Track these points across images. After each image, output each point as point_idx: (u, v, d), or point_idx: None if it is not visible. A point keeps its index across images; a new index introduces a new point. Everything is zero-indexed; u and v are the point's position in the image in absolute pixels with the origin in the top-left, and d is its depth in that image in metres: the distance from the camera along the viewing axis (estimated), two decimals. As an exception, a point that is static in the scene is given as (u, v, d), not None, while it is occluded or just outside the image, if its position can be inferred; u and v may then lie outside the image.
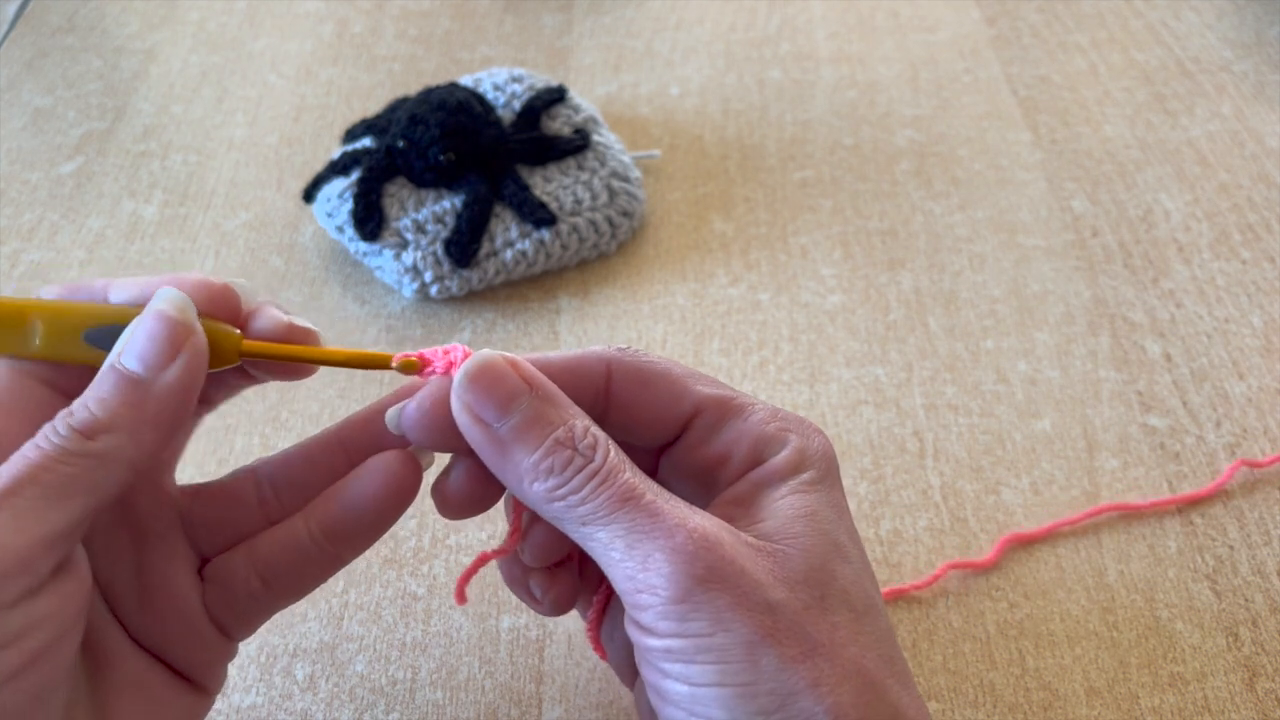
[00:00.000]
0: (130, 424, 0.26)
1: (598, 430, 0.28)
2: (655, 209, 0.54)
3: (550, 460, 0.27)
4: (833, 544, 0.28)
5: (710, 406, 0.30)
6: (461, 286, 0.49)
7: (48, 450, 0.25)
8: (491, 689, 0.36)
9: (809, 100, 0.60)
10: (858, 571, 0.28)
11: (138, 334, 0.27)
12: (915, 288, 0.49)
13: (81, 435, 0.26)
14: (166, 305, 0.27)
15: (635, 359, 0.30)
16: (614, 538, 0.26)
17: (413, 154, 0.49)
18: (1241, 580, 0.38)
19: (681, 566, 0.25)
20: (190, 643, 0.30)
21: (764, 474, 0.29)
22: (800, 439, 0.29)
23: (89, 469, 0.26)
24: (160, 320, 0.27)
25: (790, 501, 0.28)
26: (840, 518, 0.29)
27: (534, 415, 0.27)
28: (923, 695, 0.36)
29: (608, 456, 0.27)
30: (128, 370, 0.27)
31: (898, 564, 0.39)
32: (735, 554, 0.26)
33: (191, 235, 0.54)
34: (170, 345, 0.27)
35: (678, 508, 0.27)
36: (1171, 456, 0.42)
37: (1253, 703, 0.35)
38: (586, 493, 0.27)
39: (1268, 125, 0.57)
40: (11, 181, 0.57)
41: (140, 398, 0.26)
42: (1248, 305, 0.48)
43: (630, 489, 0.27)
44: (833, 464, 0.30)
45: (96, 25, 0.68)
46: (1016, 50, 0.63)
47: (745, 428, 0.29)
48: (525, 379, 0.28)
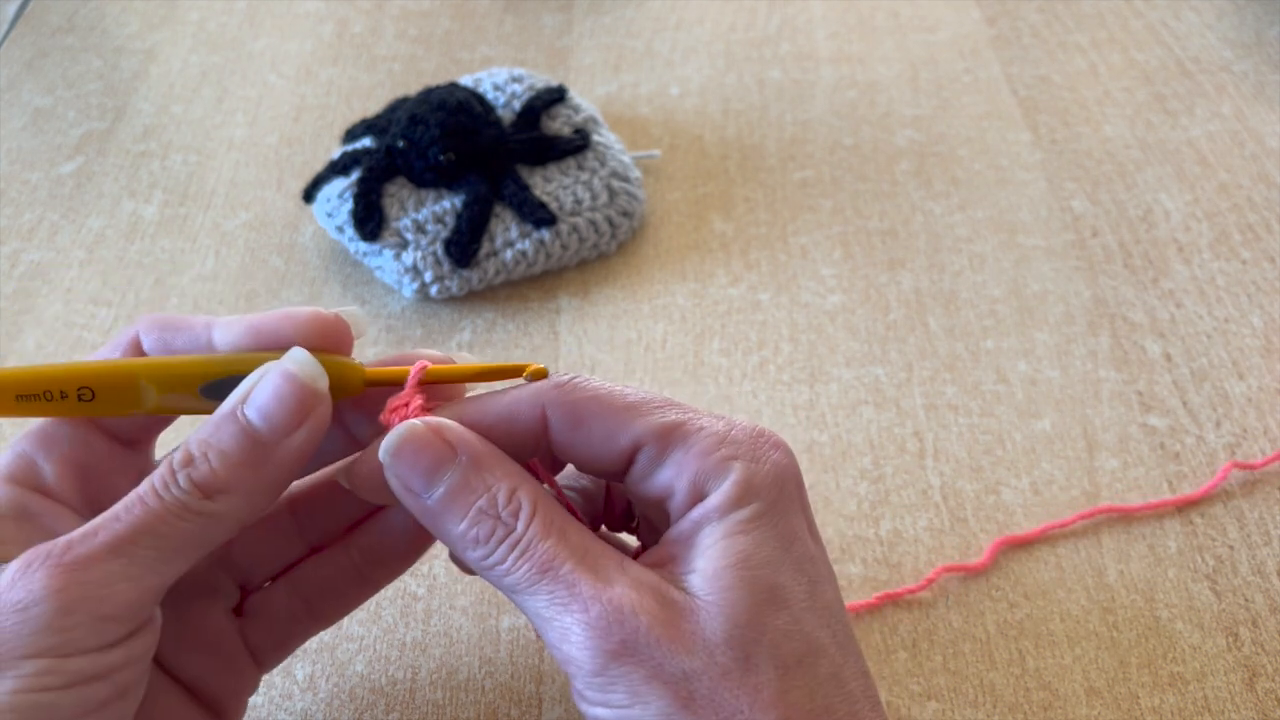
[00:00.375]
0: (249, 487, 0.26)
1: (526, 492, 0.27)
2: (655, 209, 0.54)
3: (475, 530, 0.27)
4: (766, 591, 0.26)
5: (650, 439, 0.28)
6: (461, 286, 0.49)
7: (168, 504, 0.26)
8: (491, 689, 0.36)
9: (809, 100, 0.60)
10: (796, 615, 0.26)
11: (266, 392, 0.27)
12: (915, 288, 0.49)
13: (202, 494, 0.26)
14: (298, 369, 0.27)
15: (572, 395, 0.28)
16: (538, 608, 0.26)
17: (413, 154, 0.49)
18: (1241, 580, 0.38)
19: (595, 641, 0.25)
20: (223, 675, 0.31)
21: (703, 512, 0.27)
22: (746, 466, 0.27)
23: (204, 528, 0.26)
24: (291, 383, 0.27)
25: (722, 548, 0.26)
26: (786, 551, 0.27)
27: (459, 484, 0.27)
28: (923, 695, 0.36)
29: (530, 523, 0.26)
30: (253, 428, 0.26)
31: (897, 564, 0.39)
32: (651, 623, 0.25)
33: (191, 235, 0.54)
34: (300, 411, 0.27)
35: (600, 574, 0.26)
36: (1171, 456, 0.42)
37: (1253, 703, 0.35)
38: (509, 564, 0.26)
39: (1268, 125, 0.57)
40: (11, 181, 0.57)
41: (262, 460, 0.26)
42: (1248, 305, 0.48)
43: (549, 560, 0.26)
44: (787, 486, 0.28)
45: (96, 25, 0.68)
46: (1016, 50, 0.63)
47: (687, 459, 0.28)
48: (450, 444, 0.27)
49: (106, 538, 0.25)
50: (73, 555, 0.25)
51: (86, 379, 0.28)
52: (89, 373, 0.28)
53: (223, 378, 0.28)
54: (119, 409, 0.28)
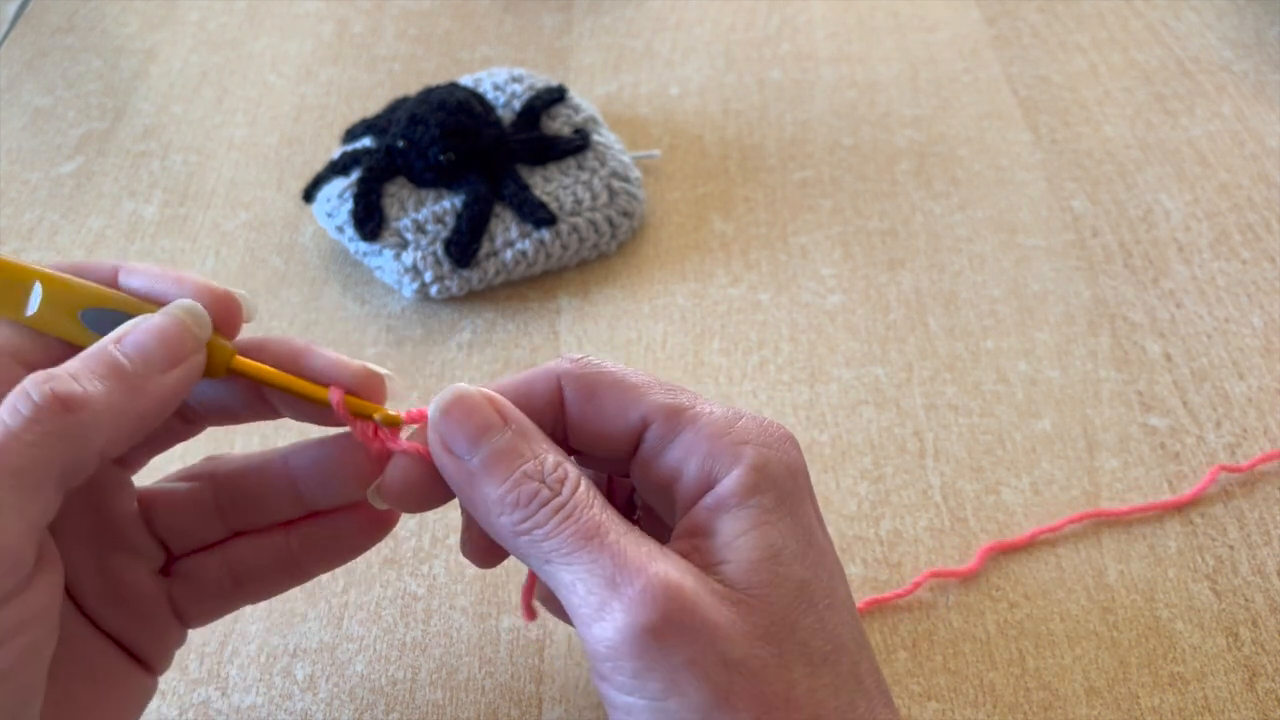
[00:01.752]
0: (112, 411, 0.25)
1: (571, 466, 0.27)
2: (655, 209, 0.54)
3: (516, 493, 0.26)
4: (796, 589, 0.26)
5: (659, 416, 0.28)
6: (461, 286, 0.49)
7: (16, 428, 0.24)
8: (491, 689, 0.36)
9: (809, 100, 0.60)
10: (820, 614, 0.26)
11: (147, 330, 0.27)
12: (915, 288, 0.49)
13: (61, 407, 0.24)
14: (186, 315, 0.27)
15: (586, 370, 0.29)
16: (575, 579, 0.25)
17: (413, 154, 0.49)
18: (1241, 580, 0.38)
19: (637, 618, 0.24)
20: (148, 630, 0.30)
21: (718, 499, 0.27)
22: (758, 452, 0.27)
23: (61, 451, 0.24)
24: (177, 326, 0.27)
25: (753, 539, 0.26)
26: (809, 546, 0.27)
27: (505, 448, 0.27)
28: (923, 695, 0.36)
29: (575, 491, 0.26)
30: (125, 360, 0.26)
31: (897, 564, 0.39)
32: (697, 603, 0.24)
33: (191, 235, 0.54)
34: (177, 353, 0.27)
35: (643, 550, 0.25)
36: (1171, 456, 0.42)
37: (1253, 703, 0.35)
38: (550, 527, 0.26)
39: (1268, 125, 0.57)
40: (11, 181, 0.57)
41: (129, 390, 0.26)
42: (1248, 305, 0.48)
43: (594, 527, 0.26)
44: (798, 477, 0.28)
45: (96, 25, 0.68)
46: (1016, 50, 0.63)
47: (696, 440, 0.27)
48: (500, 413, 0.27)
49: None
50: None
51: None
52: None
53: (108, 308, 0.28)
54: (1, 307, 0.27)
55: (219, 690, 0.37)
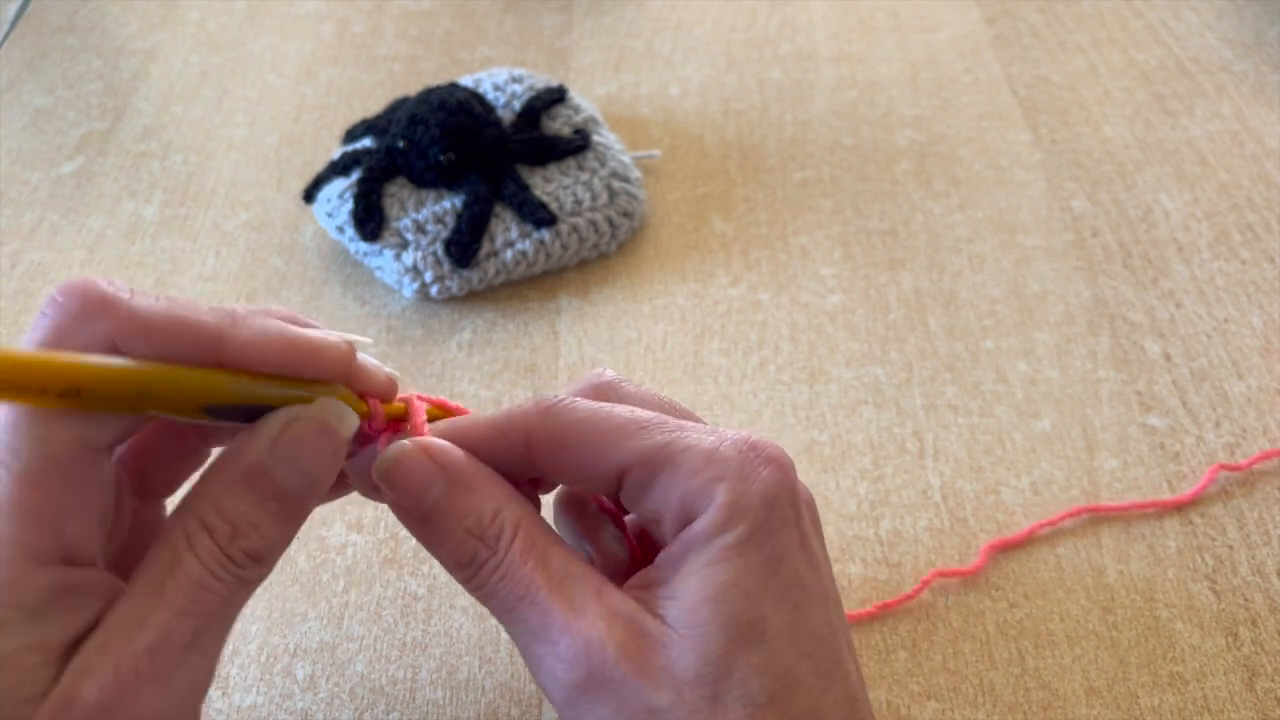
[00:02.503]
0: (287, 544, 0.26)
1: (510, 513, 0.27)
2: (655, 209, 0.54)
3: (460, 551, 0.27)
4: (742, 626, 0.25)
5: (635, 463, 0.27)
6: (461, 286, 0.49)
7: (228, 583, 0.25)
8: (491, 689, 0.36)
9: (809, 100, 0.60)
10: (773, 651, 0.25)
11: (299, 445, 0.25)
12: (915, 288, 0.49)
13: (255, 563, 0.25)
14: (334, 419, 0.26)
15: (554, 422, 0.28)
16: (516, 635, 0.26)
17: (413, 154, 0.49)
18: (1241, 580, 0.38)
19: (564, 673, 0.25)
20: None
21: (690, 536, 0.27)
22: (733, 486, 0.26)
23: (249, 592, 0.25)
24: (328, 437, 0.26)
25: (702, 577, 0.26)
26: (771, 577, 0.26)
27: (445, 505, 0.27)
28: (923, 695, 0.36)
29: (510, 546, 0.26)
30: (291, 489, 0.25)
31: (897, 564, 0.39)
32: (619, 656, 0.25)
33: (192, 235, 0.54)
34: (332, 465, 0.26)
35: (575, 601, 0.26)
36: (1171, 456, 0.42)
37: (1252, 702, 0.35)
38: (490, 588, 0.26)
39: (1268, 125, 0.57)
40: (11, 181, 0.57)
41: (299, 516, 0.26)
42: (1248, 305, 0.48)
43: (527, 587, 0.26)
44: (776, 505, 0.27)
45: (96, 25, 0.68)
46: (1016, 50, 0.63)
47: (674, 483, 0.27)
48: (439, 464, 0.27)
49: (183, 637, 0.24)
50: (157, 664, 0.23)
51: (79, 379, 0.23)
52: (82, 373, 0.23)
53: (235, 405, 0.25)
54: (100, 408, 0.24)
55: (219, 690, 0.37)
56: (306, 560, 0.40)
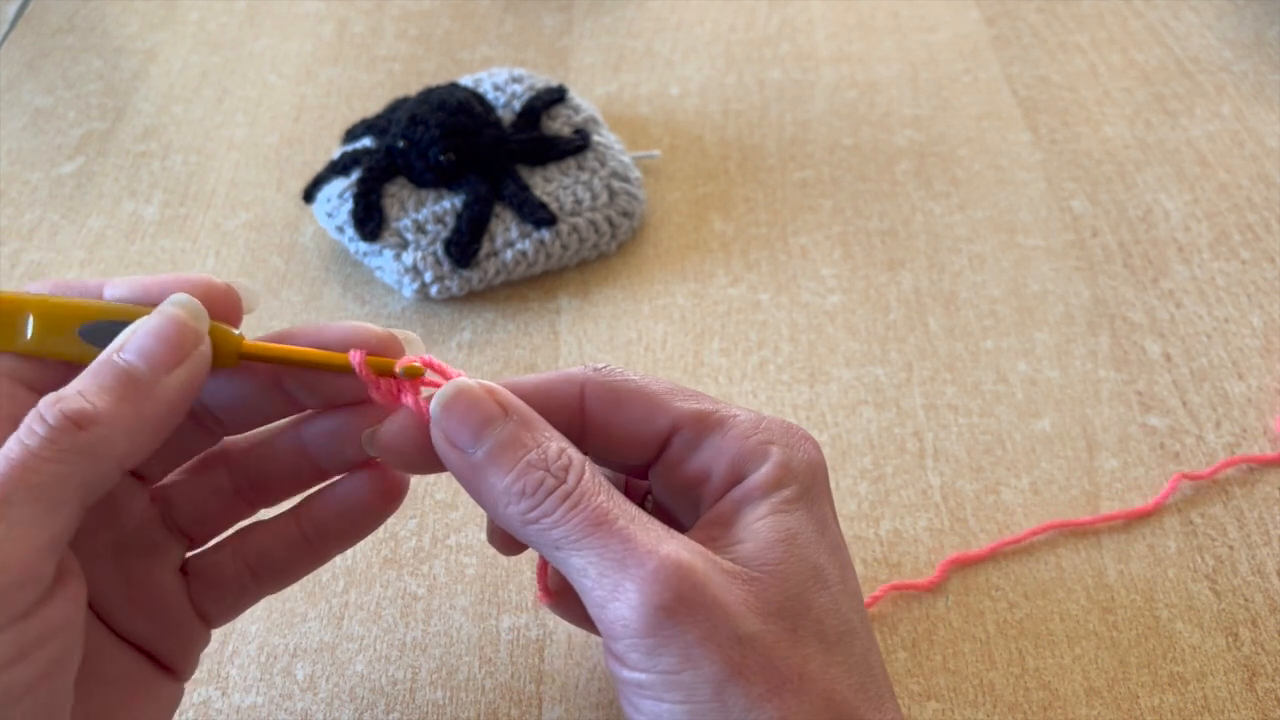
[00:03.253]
0: (126, 420, 0.25)
1: (574, 452, 0.27)
2: (655, 209, 0.54)
3: (523, 483, 0.27)
4: (811, 569, 0.27)
5: (688, 423, 0.29)
6: (461, 286, 0.49)
7: (35, 448, 0.24)
8: (491, 689, 0.36)
9: (809, 100, 0.60)
10: (834, 596, 0.27)
11: (144, 332, 0.26)
12: (915, 288, 0.49)
13: (74, 425, 0.25)
14: (179, 309, 0.27)
15: (609, 378, 0.30)
16: (586, 564, 0.26)
17: (413, 154, 0.49)
18: (1241, 580, 0.38)
19: (650, 597, 0.25)
20: (172, 633, 0.30)
21: (744, 491, 0.28)
22: (783, 451, 0.29)
23: (80, 466, 0.25)
24: (171, 322, 0.27)
25: (769, 523, 0.27)
26: (822, 535, 0.28)
27: (508, 439, 0.27)
28: (923, 695, 0.36)
29: (580, 479, 0.27)
30: (130, 365, 0.26)
31: (897, 564, 0.39)
32: (707, 582, 0.25)
33: (192, 235, 0.54)
34: (179, 348, 0.26)
35: (651, 533, 0.26)
36: (1171, 456, 0.42)
37: (1252, 703, 0.35)
38: (558, 515, 0.26)
39: (1268, 125, 0.57)
40: (11, 181, 0.57)
41: (140, 395, 0.26)
42: (1248, 305, 0.48)
43: (602, 513, 0.26)
44: (819, 474, 0.29)
45: (96, 25, 0.68)
46: (1016, 50, 0.63)
47: (724, 443, 0.29)
48: (501, 404, 0.28)
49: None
50: None
51: None
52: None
53: (103, 321, 0.27)
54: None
55: (219, 690, 0.37)
56: (306, 560, 0.40)
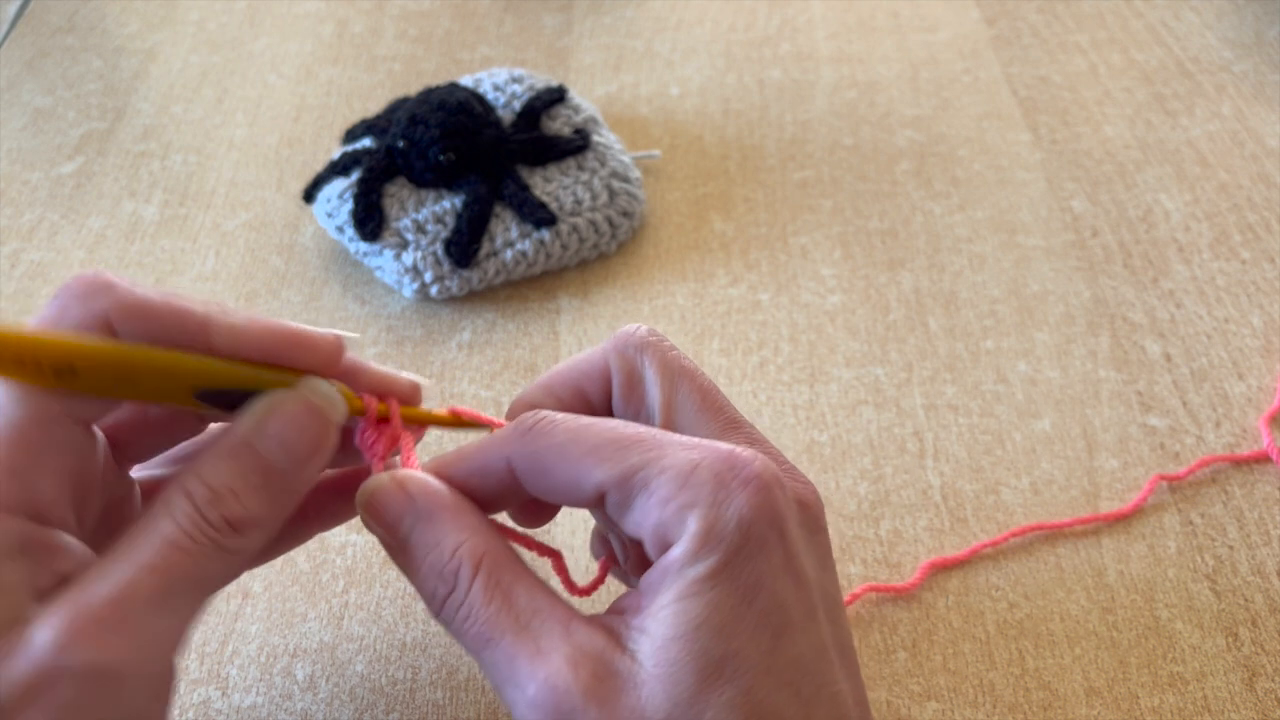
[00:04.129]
0: (273, 518, 0.26)
1: (470, 550, 0.27)
2: (655, 209, 0.54)
3: (429, 586, 0.27)
4: (713, 664, 0.25)
5: (612, 486, 0.27)
6: (461, 286, 0.49)
7: (202, 546, 0.25)
8: (491, 689, 0.36)
9: (809, 100, 0.60)
10: (746, 685, 0.25)
11: (288, 424, 0.26)
12: (915, 288, 0.49)
13: (232, 529, 0.25)
14: (322, 402, 0.26)
15: (533, 445, 0.27)
16: (488, 674, 0.26)
17: (413, 154, 0.49)
18: (1241, 580, 0.38)
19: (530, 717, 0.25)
20: None
21: (665, 564, 0.26)
22: (705, 514, 0.25)
23: (231, 565, 0.25)
24: (314, 416, 0.26)
25: (674, 612, 0.25)
26: (747, 607, 0.25)
27: (414, 539, 0.27)
28: (923, 695, 0.36)
29: (469, 587, 0.26)
30: (276, 464, 0.26)
31: (897, 564, 0.39)
32: (588, 701, 0.24)
33: (192, 235, 0.54)
34: (320, 445, 0.26)
35: (541, 644, 0.25)
36: (1171, 457, 0.42)
37: (1253, 703, 0.35)
38: (455, 626, 0.26)
39: (1268, 125, 0.57)
40: (11, 181, 0.57)
41: (285, 494, 0.26)
42: (1248, 305, 0.48)
43: (491, 628, 0.26)
44: (753, 529, 0.26)
45: (96, 25, 0.68)
46: (1016, 50, 0.63)
47: (648, 508, 0.26)
48: (411, 497, 0.27)
49: (149, 592, 0.24)
50: (116, 613, 0.23)
51: (74, 357, 0.24)
52: (78, 351, 0.24)
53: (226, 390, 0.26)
54: (95, 392, 0.25)
55: (219, 690, 0.37)
56: (306, 560, 0.40)
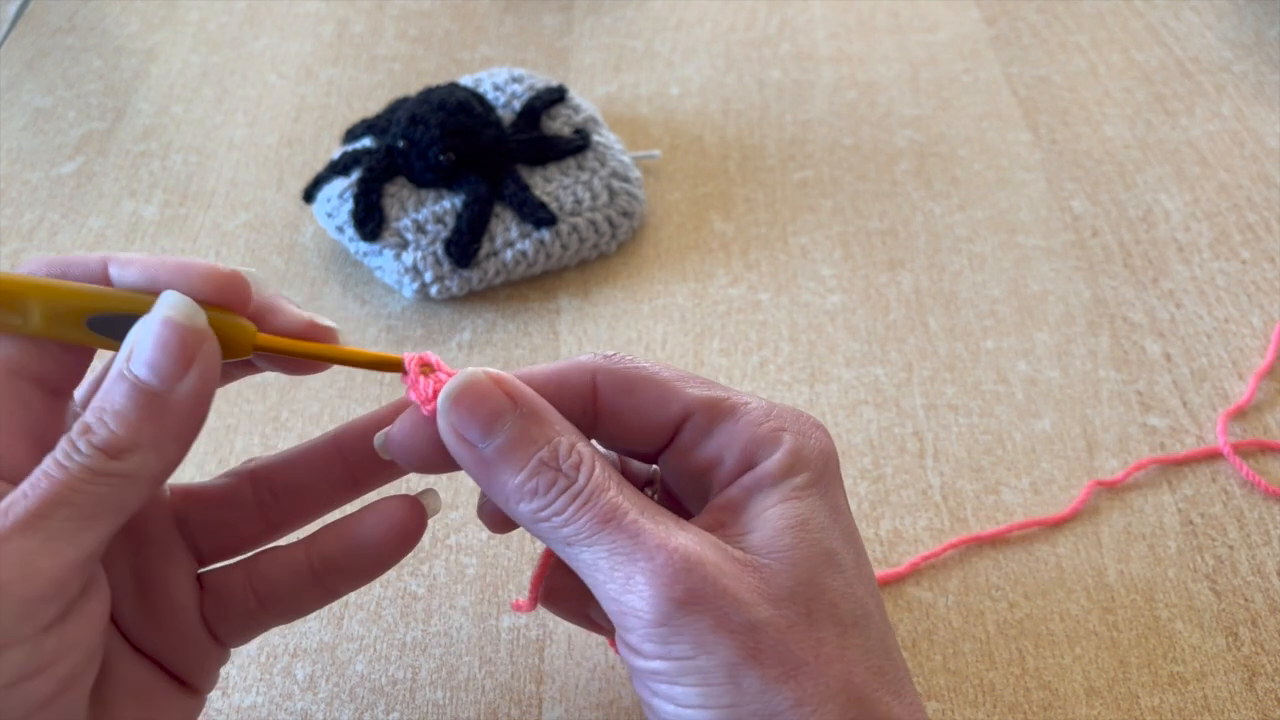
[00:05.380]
0: (153, 439, 0.26)
1: (584, 447, 0.27)
2: (655, 209, 0.54)
3: (534, 481, 0.27)
4: (824, 554, 0.27)
5: (700, 409, 0.29)
6: (462, 286, 0.49)
7: (74, 471, 0.25)
8: (491, 689, 0.36)
9: (809, 100, 0.60)
10: (849, 580, 0.27)
11: (147, 342, 0.26)
12: (915, 288, 0.49)
13: (106, 455, 0.25)
14: (175, 312, 0.26)
15: (621, 365, 0.29)
16: (597, 559, 0.26)
17: (413, 154, 0.49)
18: (1241, 580, 0.38)
19: (662, 589, 0.25)
20: (186, 647, 0.30)
21: (756, 479, 0.28)
22: (795, 438, 0.28)
23: (116, 488, 0.25)
24: (170, 328, 0.26)
25: (780, 510, 0.27)
26: (835, 521, 0.28)
27: (518, 435, 0.27)
28: (922, 695, 0.36)
29: (591, 475, 0.27)
30: (143, 382, 0.26)
31: (897, 564, 0.39)
32: (717, 573, 0.25)
33: (192, 235, 0.54)
34: (184, 354, 0.26)
35: (661, 526, 0.26)
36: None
37: (1252, 702, 0.35)
38: (569, 514, 0.26)
39: (1268, 125, 0.57)
40: (11, 181, 0.57)
41: (159, 411, 0.26)
42: (1248, 305, 0.48)
43: (612, 509, 0.26)
44: (830, 462, 0.29)
45: (96, 25, 0.68)
46: (1016, 50, 0.63)
47: (737, 429, 0.29)
48: (510, 395, 0.27)
49: (18, 514, 0.24)
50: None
51: None
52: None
53: (113, 313, 0.27)
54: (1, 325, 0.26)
55: (219, 690, 0.37)
56: (306, 560, 0.40)
